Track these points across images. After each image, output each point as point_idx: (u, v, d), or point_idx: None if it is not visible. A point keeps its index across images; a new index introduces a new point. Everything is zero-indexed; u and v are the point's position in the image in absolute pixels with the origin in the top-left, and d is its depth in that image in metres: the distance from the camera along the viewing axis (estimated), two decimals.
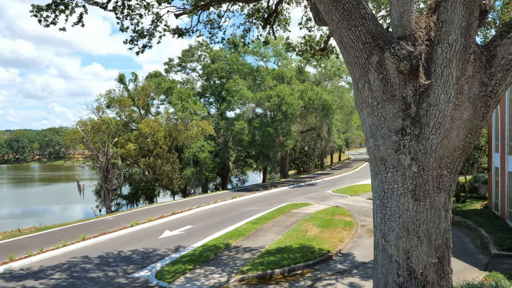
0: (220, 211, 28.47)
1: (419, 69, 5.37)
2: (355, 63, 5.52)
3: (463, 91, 4.90)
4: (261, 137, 44.26)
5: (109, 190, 41.68)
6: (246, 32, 17.46)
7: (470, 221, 21.00)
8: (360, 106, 5.73)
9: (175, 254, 17.31)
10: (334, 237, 19.31)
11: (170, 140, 44.93)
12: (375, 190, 5.73)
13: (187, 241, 19.66)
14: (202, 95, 54.27)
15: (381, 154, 5.45)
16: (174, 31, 15.93)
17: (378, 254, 5.71)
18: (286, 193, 37.89)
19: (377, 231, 5.72)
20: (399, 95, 5.34)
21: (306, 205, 29.13)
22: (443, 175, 5.24)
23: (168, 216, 26.59)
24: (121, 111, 47.12)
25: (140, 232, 22.11)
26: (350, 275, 14.30)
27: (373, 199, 5.81)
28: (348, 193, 35.56)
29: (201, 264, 15.58)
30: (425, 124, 5.18)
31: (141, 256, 17.31)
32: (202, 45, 55.17)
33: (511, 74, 4.80)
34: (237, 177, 66.71)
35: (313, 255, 16.17)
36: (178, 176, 44.21)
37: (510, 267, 14.28)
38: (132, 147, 41.97)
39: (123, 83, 45.30)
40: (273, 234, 20.39)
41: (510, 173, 20.55)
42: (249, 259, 16.00)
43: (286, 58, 53.75)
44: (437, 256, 5.33)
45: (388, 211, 5.48)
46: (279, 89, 43.92)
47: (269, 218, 24.31)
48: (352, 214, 25.33)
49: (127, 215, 28.67)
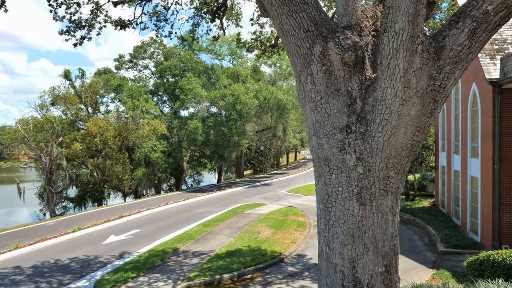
0: (171, 213, 27.43)
1: (365, 61, 4.92)
2: (297, 53, 4.99)
3: (410, 85, 4.49)
4: (216, 137, 43.44)
5: (53, 193, 39.26)
6: (195, 27, 16.68)
7: (418, 218, 21.37)
8: (302, 101, 5.21)
9: (118, 261, 16.23)
10: (287, 238, 18.95)
11: (120, 139, 43.09)
12: (318, 193, 5.24)
13: (133, 246, 18.59)
14: (155, 93, 52.60)
15: (325, 153, 4.95)
16: (116, 22, 14.89)
17: (322, 263, 5.22)
18: (240, 193, 37.34)
19: (321, 239, 5.22)
20: (344, 89, 4.86)
21: (260, 206, 28.70)
22: (390, 177, 4.82)
23: (115, 219, 25.23)
24: (67, 109, 44.65)
25: (82, 238, 20.71)
26: (301, 278, 13.93)
27: (317, 204, 5.31)
28: (302, 193, 35.54)
29: (145, 271, 14.64)
30: (371, 121, 4.73)
31: (80, 264, 16.08)
32: (155, 41, 53.49)
33: (460, 67, 4.45)
34: (192, 177, 65.44)
35: (264, 258, 15.68)
36: (128, 177, 42.49)
37: (456, 264, 14.47)
38: (78, 147, 39.78)
39: (69, 79, 42.89)
40: (224, 236, 19.74)
41: (455, 171, 21.11)
42: (198, 264, 15.26)
43: (241, 57, 53.21)
44: (384, 264, 4.90)
45: (332, 216, 4.99)
46: (234, 88, 43.28)
47: (221, 220, 23.63)
48: (305, 214, 25.16)
49: (71, 219, 26.96)
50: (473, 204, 18.00)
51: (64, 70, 42.76)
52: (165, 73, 50.62)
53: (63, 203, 48.67)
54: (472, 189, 18.19)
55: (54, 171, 39.15)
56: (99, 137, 41.31)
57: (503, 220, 15.24)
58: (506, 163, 15.25)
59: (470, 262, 10.05)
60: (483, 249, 15.91)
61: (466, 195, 18.84)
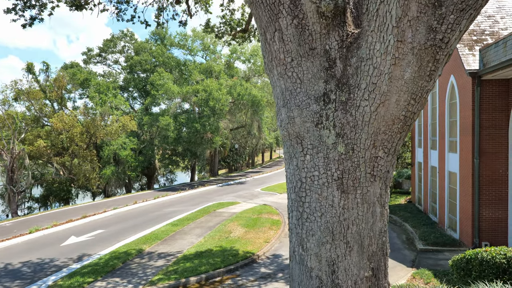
0: (138, 212, 25.99)
1: (346, 13, 3.92)
2: (261, 3, 3.95)
3: (405, 39, 3.51)
4: (188, 134, 42.01)
5: (15, 193, 37.00)
6: (160, 11, 15.47)
7: (395, 216, 20.77)
8: (269, 65, 4.17)
9: (76, 264, 14.84)
10: (260, 237, 17.95)
11: (88, 136, 41.12)
12: (289, 180, 4.21)
13: (94, 248, 17.18)
14: (125, 89, 50.67)
15: (297, 129, 3.94)
16: (71, 2, 13.53)
17: (295, 267, 4.21)
18: (213, 191, 36.13)
19: (293, 236, 4.20)
20: (320, 48, 3.85)
21: (233, 204, 27.62)
22: (378, 157, 3.85)
23: (78, 219, 23.63)
24: (31, 104, 42.32)
25: (39, 240, 19.10)
26: (274, 280, 12.95)
27: (287, 193, 4.29)
28: (277, 191, 34.65)
29: (104, 275, 13.34)
30: (354, 86, 3.73)
31: (33, 268, 14.59)
32: (126, 35, 51.61)
33: (467, 16, 3.50)
34: (165, 176, 63.73)
35: (235, 259, 14.61)
36: (96, 175, 40.57)
37: (435, 262, 13.81)
38: (42, 143, 37.61)
39: (32, 73, 40.60)
40: (193, 236, 18.56)
41: (432, 167, 20.61)
42: (163, 267, 14.05)
43: (214, 52, 51.90)
44: (371, 268, 3.93)
45: (307, 208, 3.98)
46: (206, 84, 41.94)
47: (191, 219, 22.41)
48: (280, 212, 24.23)
49: (30, 220, 25.14)
50: (451, 200, 17.46)
51: (26, 63, 40.44)
52: (136, 68, 48.78)
53: (28, 203, 46.28)
54: (450, 185, 17.66)
55: (16, 169, 36.95)
56: (65, 134, 39.26)
57: (483, 216, 14.68)
58: (486, 157, 14.70)
59: (455, 261, 9.29)
60: (462, 246, 15.34)
61: (444, 191, 18.31)
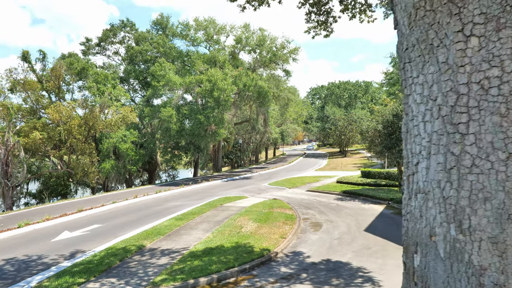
0: (139, 207, 24.06)
1: None
2: None
3: None
4: (191, 126, 40.02)
5: (10, 187, 35.08)
6: None
7: None
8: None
9: (66, 262, 12.90)
10: (275, 232, 16.00)
11: (87, 128, 39.19)
12: None
13: (89, 244, 15.26)
14: (125, 81, 48.69)
15: None
16: None
17: (433, 264, 2.25)
18: (218, 186, 34.21)
19: (434, 208, 2.23)
20: None
21: (241, 198, 25.69)
22: None
23: (73, 214, 21.73)
24: (28, 96, 40.41)
25: (28, 235, 17.17)
26: (298, 281, 10.97)
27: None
28: (286, 186, 32.74)
29: (98, 275, 11.38)
30: None
31: (17, 267, 12.65)
32: (126, 25, 49.63)
33: None
34: (166, 172, 61.88)
35: (250, 257, 12.66)
36: (95, 169, 38.65)
37: None
38: (38, 135, 35.68)
39: (28, 62, 38.66)
40: (200, 231, 16.62)
41: None
42: (167, 265, 12.11)
43: (218, 42, 49.88)
44: None
45: (469, 160, 2.02)
46: (211, 73, 39.89)
47: (197, 213, 20.48)
48: (292, 206, 22.30)
49: (21, 214, 23.24)
50: None
51: (22, 51, 38.51)
52: (136, 58, 46.82)
53: (25, 199, 44.48)
54: None
55: (11, 162, 35.04)
56: (63, 126, 37.33)
57: None
58: None
59: None
60: None
61: None
